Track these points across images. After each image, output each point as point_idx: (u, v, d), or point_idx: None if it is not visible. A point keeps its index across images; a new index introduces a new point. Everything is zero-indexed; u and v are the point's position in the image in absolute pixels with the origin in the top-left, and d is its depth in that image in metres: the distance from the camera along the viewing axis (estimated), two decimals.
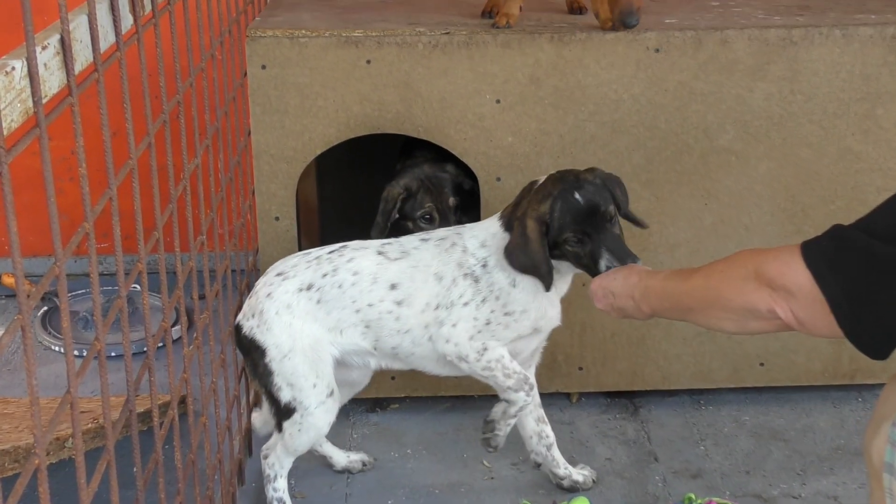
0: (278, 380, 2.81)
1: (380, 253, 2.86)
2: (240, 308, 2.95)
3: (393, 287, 2.82)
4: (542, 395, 3.50)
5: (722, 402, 3.60)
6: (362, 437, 3.41)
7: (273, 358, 2.80)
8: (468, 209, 3.48)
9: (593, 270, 2.73)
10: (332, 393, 2.83)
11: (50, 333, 4.08)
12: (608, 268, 2.69)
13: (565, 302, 3.29)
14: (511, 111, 3.22)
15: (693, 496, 2.91)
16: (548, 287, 2.76)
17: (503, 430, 2.89)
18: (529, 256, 2.73)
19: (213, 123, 2.82)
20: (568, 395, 3.59)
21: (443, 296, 2.81)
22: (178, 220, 2.30)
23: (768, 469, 3.24)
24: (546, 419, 3.08)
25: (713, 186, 3.32)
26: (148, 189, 2.09)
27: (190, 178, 2.44)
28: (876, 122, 3.26)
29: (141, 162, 1.97)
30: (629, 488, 3.15)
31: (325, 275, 2.82)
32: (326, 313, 2.81)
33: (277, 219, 3.32)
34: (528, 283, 2.80)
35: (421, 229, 3.52)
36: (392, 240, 2.94)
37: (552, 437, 3.09)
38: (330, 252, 2.89)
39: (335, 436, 3.31)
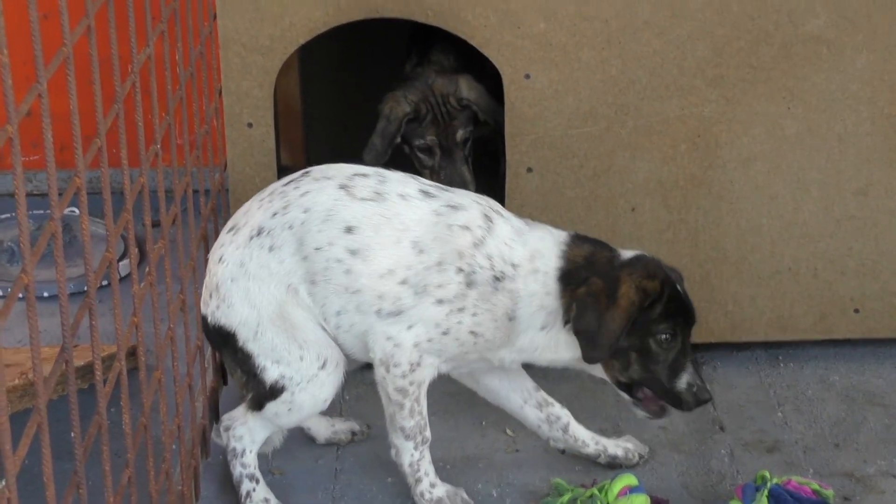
0: (259, 360, 2.85)
1: (342, 187, 2.83)
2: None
3: (349, 230, 2.80)
4: None
5: (806, 357, 3.61)
6: (356, 399, 3.42)
7: (246, 338, 2.84)
8: (485, 145, 3.50)
9: (659, 382, 2.82)
10: (324, 364, 2.85)
11: None
12: (688, 386, 2.80)
13: (610, 229, 3.29)
14: None
15: (768, 474, 2.91)
16: (592, 360, 2.81)
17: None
18: (603, 322, 2.73)
19: (170, 3, 2.80)
20: None
21: (416, 272, 2.79)
22: (125, 125, 2.29)
23: (862, 441, 3.25)
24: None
25: (798, 85, 3.30)
26: (87, 86, 2.07)
27: (140, 73, 2.42)
28: None
29: (78, 51, 1.95)
30: (688, 464, 3.17)
31: (274, 214, 2.82)
32: (279, 263, 2.82)
33: (250, 125, 3.31)
34: (525, 323, 2.82)
35: (417, 158, 3.52)
36: (374, 171, 2.90)
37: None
38: (286, 183, 2.88)
39: None
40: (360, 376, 3.51)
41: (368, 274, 2.79)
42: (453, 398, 3.40)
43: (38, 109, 1.80)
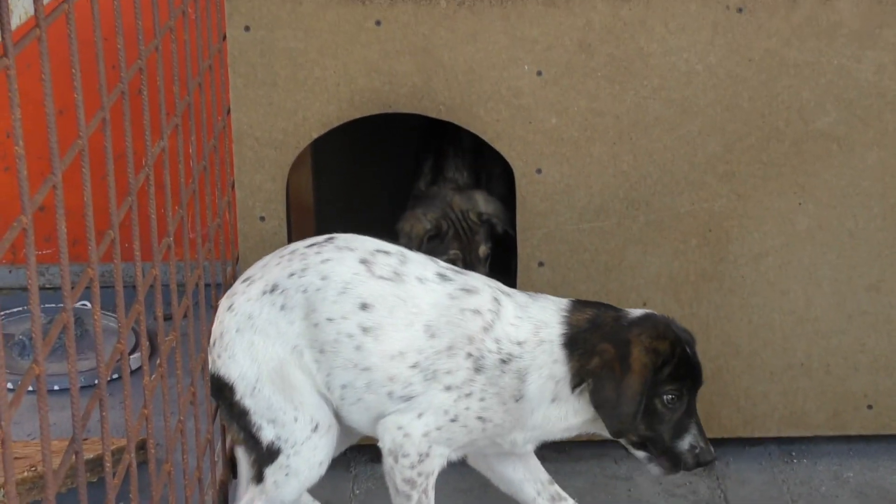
0: (255, 418, 2.84)
1: (363, 262, 2.83)
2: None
3: (364, 307, 2.80)
4: (592, 444, 3.50)
5: (819, 454, 3.60)
6: (366, 494, 3.40)
7: (243, 393, 2.84)
8: (497, 257, 3.52)
9: (661, 441, 2.80)
10: (316, 427, 2.84)
11: None
12: (690, 447, 2.80)
13: None
14: (555, 85, 3.22)
15: None
16: (620, 434, 2.79)
17: None
18: (622, 392, 2.71)
19: (184, 98, 2.82)
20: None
21: (427, 356, 2.79)
22: (138, 218, 2.30)
23: None
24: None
25: (809, 182, 3.31)
26: (101, 180, 2.09)
27: (154, 166, 2.43)
28: None
29: (93, 145, 1.97)
30: None
31: (291, 274, 2.83)
32: (289, 323, 2.82)
33: (263, 219, 3.33)
34: (536, 399, 2.80)
35: None
36: (397, 250, 2.90)
37: None
38: (309, 245, 2.90)
39: (332, 491, 3.31)
40: (370, 470, 3.50)
41: (380, 353, 2.79)
42: (465, 494, 3.39)
43: (51, 204, 1.81)
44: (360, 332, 2.79)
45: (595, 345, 2.76)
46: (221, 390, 2.88)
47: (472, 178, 3.77)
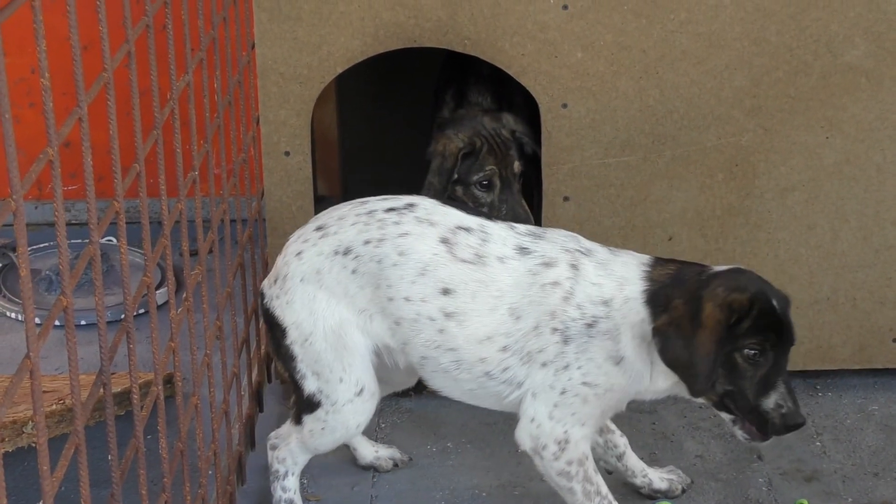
0: (301, 366, 2.84)
1: (444, 241, 2.78)
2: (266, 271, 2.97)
3: (445, 292, 2.77)
4: None
5: (844, 387, 3.60)
6: (392, 427, 3.43)
7: (294, 340, 2.84)
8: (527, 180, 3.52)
9: (744, 398, 2.69)
10: (361, 391, 2.84)
11: (6, 297, 4.12)
12: (776, 406, 2.68)
13: None
14: (581, 19, 3.21)
15: (806, 503, 2.91)
16: (698, 393, 2.72)
17: None
18: (691, 349, 2.63)
19: (209, 32, 2.82)
20: None
21: (517, 339, 2.76)
22: (163, 153, 2.31)
23: None
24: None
25: (836, 115, 3.30)
26: (126, 115, 2.09)
27: (179, 101, 2.44)
28: None
29: (118, 80, 1.98)
30: (725, 493, 3.16)
31: (367, 241, 2.79)
32: (360, 288, 2.80)
33: (287, 154, 3.33)
34: (638, 365, 2.75)
35: (474, 197, 3.52)
36: (478, 222, 2.82)
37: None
38: (389, 209, 2.83)
39: None
40: (395, 403, 3.52)
41: (465, 337, 2.77)
42: (489, 427, 3.41)
43: (77, 140, 1.82)
44: (442, 316, 2.76)
45: (671, 301, 2.69)
46: (273, 328, 2.88)
47: (495, 103, 3.75)
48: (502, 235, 2.79)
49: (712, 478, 3.21)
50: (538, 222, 3.38)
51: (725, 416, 2.79)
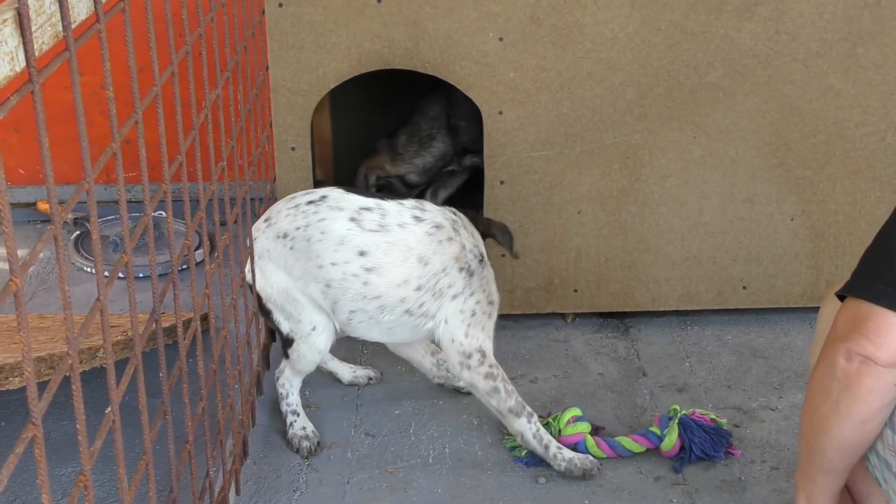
0: (277, 316, 2.87)
1: (353, 220, 2.74)
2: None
3: (362, 254, 2.73)
4: (539, 316, 3.53)
5: (706, 322, 3.62)
6: (372, 353, 3.43)
7: (265, 300, 2.86)
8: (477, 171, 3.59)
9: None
10: (314, 328, 2.84)
11: (82, 255, 4.10)
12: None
13: (562, 227, 3.31)
14: (513, 48, 3.21)
15: (678, 408, 2.94)
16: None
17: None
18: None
19: (233, 57, 2.81)
20: (563, 316, 3.62)
21: (427, 279, 2.75)
22: (200, 148, 2.30)
23: (748, 384, 3.26)
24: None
25: (702, 121, 3.31)
26: (172, 121, 2.09)
27: (211, 109, 2.43)
28: (856, 60, 3.24)
29: (165, 93, 1.97)
30: (619, 401, 3.18)
31: (297, 227, 2.78)
32: (296, 261, 2.78)
33: (293, 149, 3.32)
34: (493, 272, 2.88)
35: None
36: (375, 203, 2.79)
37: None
38: (308, 202, 2.81)
39: (346, 352, 3.35)
40: None
41: (386, 284, 2.74)
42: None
43: (135, 138, 1.81)
44: (363, 271, 2.73)
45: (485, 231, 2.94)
46: (255, 294, 2.89)
47: (449, 134, 3.84)
48: (396, 209, 2.79)
49: (609, 390, 3.23)
50: (482, 202, 3.38)
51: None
